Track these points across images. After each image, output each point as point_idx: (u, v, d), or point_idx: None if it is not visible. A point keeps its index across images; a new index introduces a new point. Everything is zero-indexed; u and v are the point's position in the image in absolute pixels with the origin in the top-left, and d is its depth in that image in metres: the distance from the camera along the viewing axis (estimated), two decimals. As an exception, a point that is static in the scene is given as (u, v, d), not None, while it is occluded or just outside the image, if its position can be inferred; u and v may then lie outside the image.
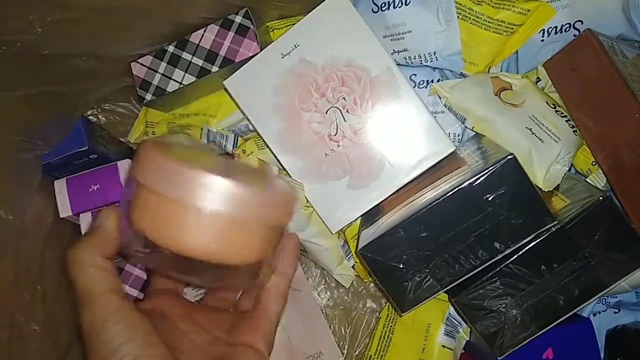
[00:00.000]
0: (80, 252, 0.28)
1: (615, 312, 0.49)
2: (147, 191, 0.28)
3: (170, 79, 0.53)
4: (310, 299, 0.56)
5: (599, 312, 0.50)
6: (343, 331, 0.57)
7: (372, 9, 0.50)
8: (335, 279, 0.55)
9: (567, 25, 0.49)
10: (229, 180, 0.27)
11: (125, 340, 0.27)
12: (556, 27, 0.49)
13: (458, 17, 0.48)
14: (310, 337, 0.55)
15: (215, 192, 0.27)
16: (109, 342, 0.27)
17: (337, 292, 0.58)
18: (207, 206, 0.27)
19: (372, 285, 0.58)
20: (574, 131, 0.48)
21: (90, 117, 0.58)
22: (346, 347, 0.57)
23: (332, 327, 0.57)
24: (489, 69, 0.52)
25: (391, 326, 0.53)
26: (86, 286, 0.27)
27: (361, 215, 0.49)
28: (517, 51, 0.51)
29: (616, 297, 0.50)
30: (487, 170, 0.39)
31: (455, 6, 0.48)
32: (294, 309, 0.55)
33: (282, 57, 0.48)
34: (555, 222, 0.39)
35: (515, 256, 0.41)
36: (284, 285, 0.34)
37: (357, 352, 0.57)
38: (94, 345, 0.27)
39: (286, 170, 0.49)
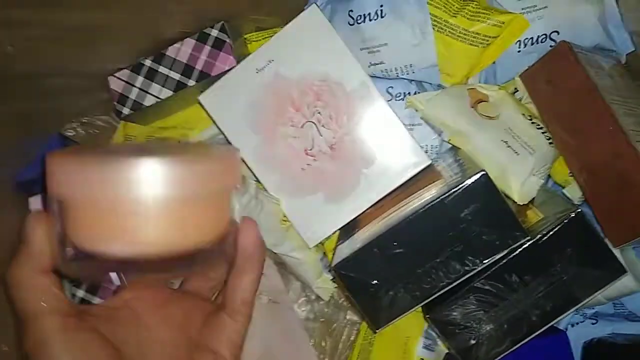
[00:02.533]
0: (15, 271, 0.26)
1: (592, 323, 0.49)
2: (73, 204, 0.25)
3: (148, 93, 0.52)
4: (290, 312, 0.56)
5: (577, 324, 0.50)
6: (323, 344, 0.57)
7: (349, 22, 0.50)
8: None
9: (543, 36, 0.49)
10: (154, 157, 0.24)
11: (75, 357, 0.26)
12: (532, 38, 0.49)
13: (434, 29, 0.48)
14: (290, 350, 0.55)
15: (146, 175, 0.24)
16: None
17: (318, 304, 0.58)
18: (143, 194, 0.24)
19: (351, 298, 0.58)
20: (550, 143, 0.47)
21: (69, 131, 0.58)
22: (327, 359, 0.57)
23: (312, 340, 0.57)
24: (467, 80, 0.52)
25: (371, 339, 0.53)
26: (25, 307, 0.26)
27: (338, 230, 0.49)
28: (494, 62, 0.51)
29: (593, 308, 0.50)
30: (459, 187, 0.39)
31: (431, 19, 0.48)
32: (273, 322, 0.55)
33: (257, 72, 0.47)
34: (528, 238, 0.39)
35: (489, 272, 0.41)
36: (248, 287, 0.32)
37: (338, 365, 0.57)
38: None
39: (263, 185, 0.49)
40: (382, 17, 0.49)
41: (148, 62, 0.52)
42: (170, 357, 0.31)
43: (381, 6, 0.49)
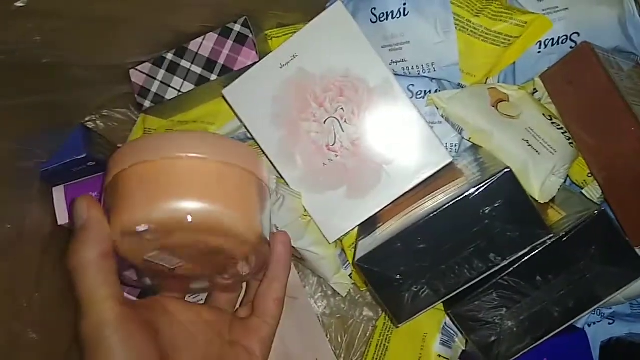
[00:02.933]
0: (80, 253, 0.27)
1: (609, 323, 0.50)
2: (123, 181, 0.29)
3: (169, 86, 0.53)
4: (307, 307, 0.56)
5: (594, 323, 0.50)
6: (339, 339, 0.57)
7: (371, 19, 0.50)
8: (332, 288, 0.55)
9: (564, 37, 0.49)
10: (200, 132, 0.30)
11: (122, 352, 0.27)
12: (553, 39, 0.49)
13: (456, 28, 0.48)
14: (307, 345, 0.55)
15: (193, 141, 0.29)
16: (106, 352, 0.27)
17: (334, 300, 0.58)
18: (181, 156, 0.28)
19: (368, 293, 0.59)
20: (570, 143, 0.48)
21: (89, 124, 0.58)
22: (343, 355, 0.57)
23: (328, 336, 0.57)
24: (487, 80, 0.52)
25: (387, 335, 0.54)
26: (87, 292, 0.27)
27: (358, 225, 0.49)
28: (514, 62, 0.51)
29: (611, 308, 0.50)
30: (483, 184, 0.39)
31: (453, 18, 0.48)
32: (290, 317, 0.55)
33: (281, 67, 0.48)
34: (551, 235, 0.40)
35: (511, 268, 0.41)
36: (279, 292, 0.34)
37: (353, 361, 0.57)
38: (91, 354, 0.27)
39: (284, 180, 0.49)
40: (404, 15, 0.49)
41: (170, 56, 0.53)
42: (203, 352, 0.32)
43: (404, 4, 0.49)
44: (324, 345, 0.56)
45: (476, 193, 0.39)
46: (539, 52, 0.50)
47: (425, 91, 0.52)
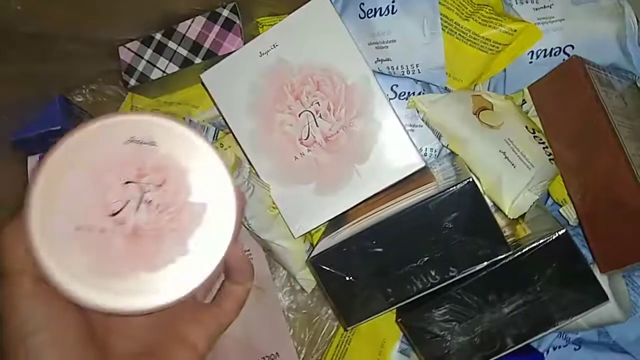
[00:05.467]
0: (6, 233, 0.26)
1: (575, 349, 0.48)
2: None
3: (155, 66, 0.53)
4: (273, 300, 0.56)
5: (559, 347, 0.48)
6: (303, 335, 0.57)
7: (360, 15, 0.49)
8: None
9: (557, 49, 0.47)
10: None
11: (40, 322, 0.26)
12: (545, 49, 0.48)
13: (444, 30, 0.47)
14: (269, 337, 0.55)
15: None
16: (23, 324, 0.26)
17: (301, 296, 0.57)
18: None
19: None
20: (550, 159, 0.46)
21: (78, 97, 0.58)
22: (304, 351, 0.57)
23: (292, 330, 0.57)
24: (475, 86, 0.51)
25: (349, 336, 0.53)
26: (5, 265, 0.26)
27: (325, 223, 0.48)
28: (505, 70, 0.50)
29: (577, 333, 0.48)
30: (444, 193, 0.38)
31: (442, 20, 0.47)
32: (256, 308, 0.55)
33: (260, 56, 0.47)
34: (510, 253, 0.38)
35: (467, 282, 0.40)
36: (242, 293, 0.33)
37: (314, 358, 0.56)
38: (7, 328, 0.26)
39: (255, 170, 0.49)
40: (392, 12, 0.48)
41: (158, 36, 0.53)
42: (137, 340, 0.31)
43: (393, 2, 0.48)
44: (286, 340, 0.55)
45: (436, 201, 0.38)
46: (531, 62, 0.48)
47: (408, 92, 0.50)
